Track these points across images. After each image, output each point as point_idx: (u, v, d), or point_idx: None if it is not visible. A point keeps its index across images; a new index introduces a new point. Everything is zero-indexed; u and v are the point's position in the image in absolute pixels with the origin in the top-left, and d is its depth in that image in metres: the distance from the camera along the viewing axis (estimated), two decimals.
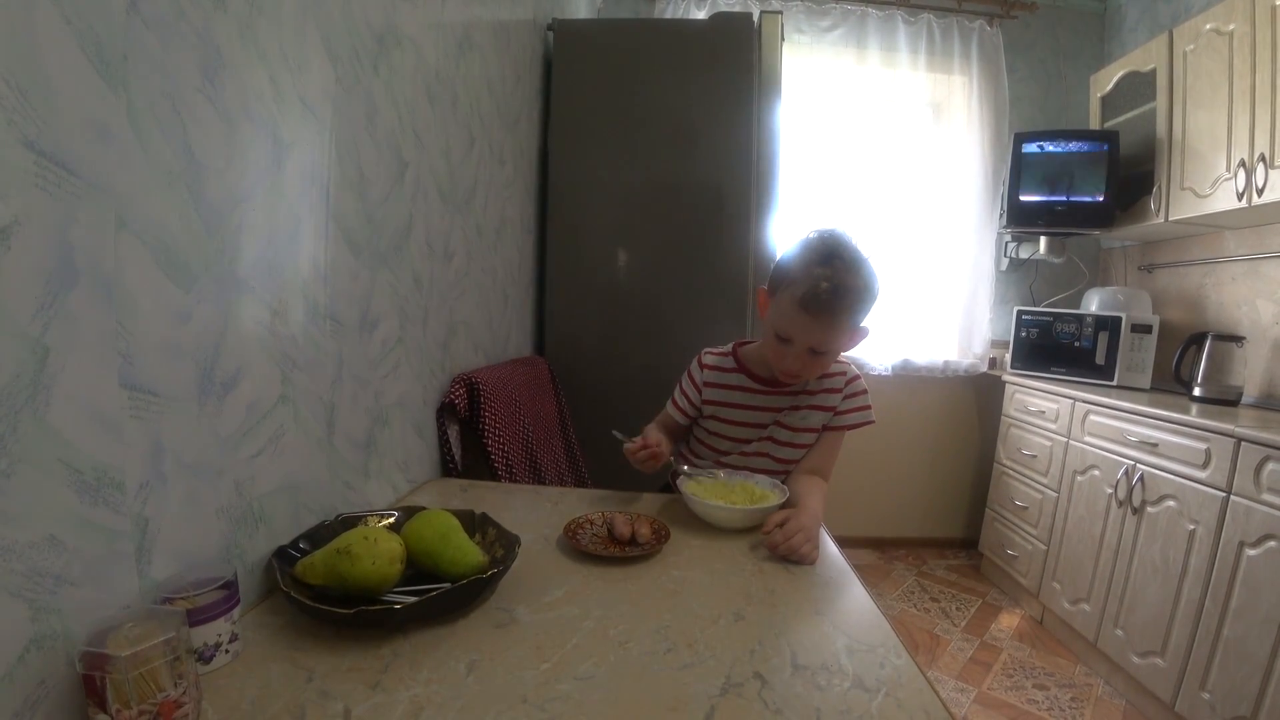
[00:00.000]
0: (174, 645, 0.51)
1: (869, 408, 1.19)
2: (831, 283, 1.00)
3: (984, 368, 2.97)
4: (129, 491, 0.56)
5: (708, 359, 1.24)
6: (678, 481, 1.07)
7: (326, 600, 0.67)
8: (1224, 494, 1.66)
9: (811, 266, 1.02)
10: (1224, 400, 2.11)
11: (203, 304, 0.64)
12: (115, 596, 0.55)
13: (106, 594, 0.54)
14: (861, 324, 1.09)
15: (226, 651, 0.61)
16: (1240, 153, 1.95)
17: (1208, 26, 2.07)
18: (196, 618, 0.58)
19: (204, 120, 0.62)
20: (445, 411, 1.25)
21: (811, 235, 1.08)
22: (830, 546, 0.98)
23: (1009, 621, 2.45)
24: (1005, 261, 3.04)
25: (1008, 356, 2.81)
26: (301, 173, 0.79)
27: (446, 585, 0.69)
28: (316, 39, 0.80)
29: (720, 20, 1.90)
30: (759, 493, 1.07)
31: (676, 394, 1.26)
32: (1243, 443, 1.62)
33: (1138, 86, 2.46)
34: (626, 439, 1.12)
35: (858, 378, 1.20)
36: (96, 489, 0.53)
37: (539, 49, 1.86)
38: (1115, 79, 2.56)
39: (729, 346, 1.25)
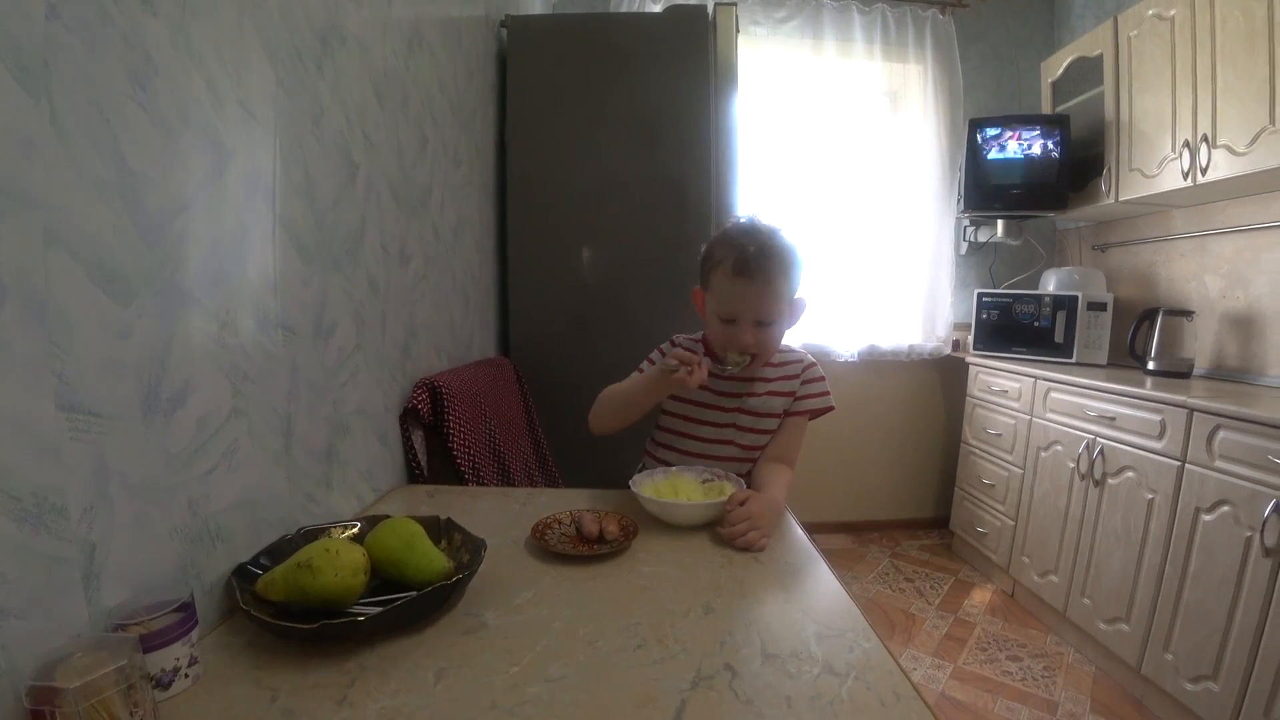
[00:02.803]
0: (127, 673, 0.49)
1: (828, 393, 1.21)
2: (757, 245, 1.07)
3: (948, 350, 3.03)
4: (73, 516, 0.54)
5: (679, 339, 1.26)
6: (630, 483, 1.05)
7: (289, 616, 0.66)
8: (1179, 463, 1.71)
9: (734, 239, 1.10)
10: (1176, 373, 2.18)
11: (144, 318, 0.61)
12: (63, 626, 0.53)
13: (53, 624, 0.52)
14: (796, 294, 1.14)
15: (186, 676, 0.59)
16: (1184, 134, 2.01)
17: (1150, 12, 2.13)
18: (152, 643, 0.56)
19: (137, 128, 0.60)
20: (408, 417, 1.23)
21: (726, 224, 1.17)
22: (798, 533, 0.99)
23: (981, 597, 2.51)
24: (965, 245, 3.09)
25: (970, 338, 2.87)
26: (245, 179, 0.77)
27: (413, 594, 0.68)
28: (255, 40, 0.78)
29: (675, 13, 1.90)
30: (716, 486, 1.07)
31: (645, 366, 1.24)
32: (1195, 413, 1.67)
33: (1086, 71, 2.51)
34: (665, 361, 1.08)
35: (814, 364, 1.22)
36: (37, 516, 0.51)
37: (492, 45, 1.84)
38: (1065, 65, 2.62)
39: (700, 334, 1.26)
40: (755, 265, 1.06)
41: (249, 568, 0.73)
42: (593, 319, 1.91)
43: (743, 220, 1.15)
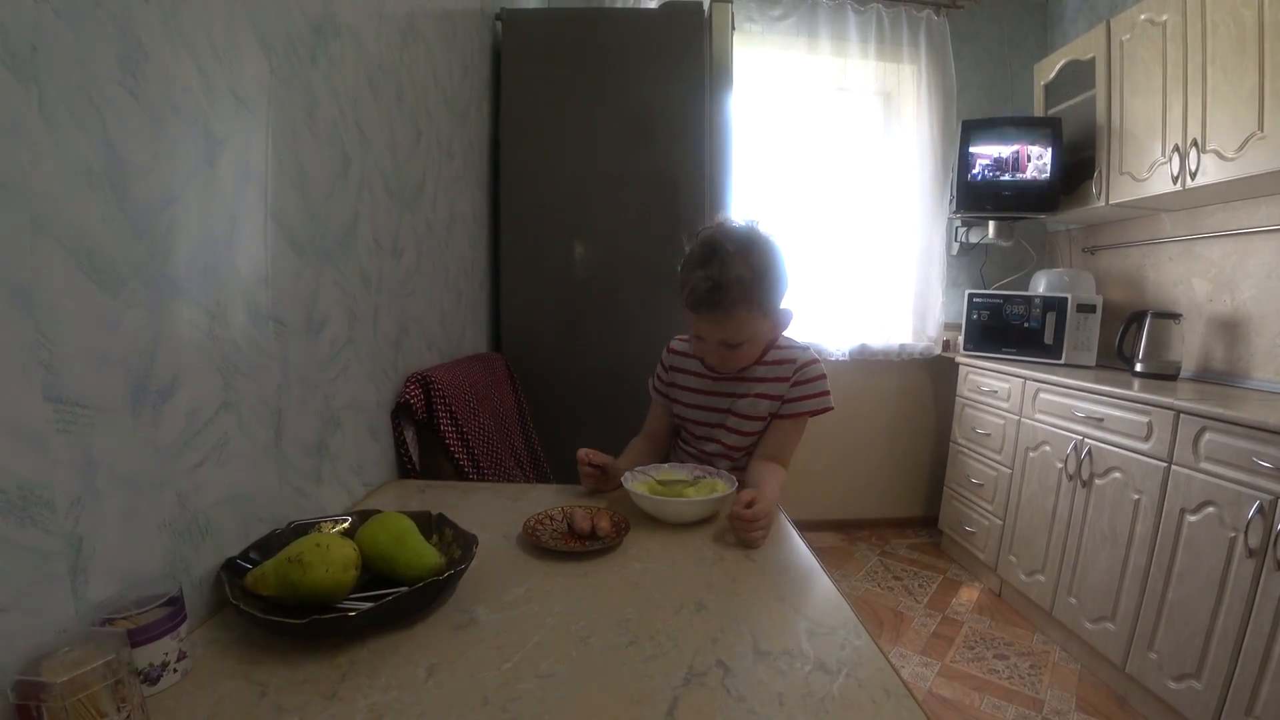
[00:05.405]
0: (114, 668, 0.49)
1: (825, 394, 1.16)
2: (711, 280, 1.03)
3: (938, 350, 3.04)
4: (59, 509, 0.53)
5: (674, 344, 1.29)
6: (622, 480, 1.06)
7: (279, 611, 0.65)
8: (1165, 464, 1.73)
9: (692, 270, 1.06)
10: (1163, 375, 2.20)
11: (133, 309, 0.61)
12: (49, 621, 0.53)
13: (39, 619, 0.52)
14: (775, 308, 1.10)
15: (175, 670, 0.58)
16: (1174, 138, 2.02)
17: (1142, 17, 2.14)
18: (140, 637, 0.55)
19: (126, 115, 0.59)
20: (400, 412, 1.22)
21: (695, 240, 1.10)
22: (790, 532, 0.99)
23: (969, 595, 2.52)
24: (956, 246, 3.11)
25: (960, 338, 2.88)
26: (237, 169, 0.76)
27: (403, 589, 0.68)
28: (248, 28, 0.77)
29: (671, 9, 1.89)
30: (707, 483, 1.07)
31: (653, 376, 1.31)
32: (1181, 415, 1.69)
33: (1078, 75, 2.53)
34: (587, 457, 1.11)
35: (811, 363, 1.17)
36: (22, 508, 0.50)
37: (487, 39, 1.82)
38: (1057, 67, 2.63)
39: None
40: (710, 301, 1.03)
41: (238, 562, 0.72)
42: (585, 315, 1.91)
43: (709, 237, 1.07)
